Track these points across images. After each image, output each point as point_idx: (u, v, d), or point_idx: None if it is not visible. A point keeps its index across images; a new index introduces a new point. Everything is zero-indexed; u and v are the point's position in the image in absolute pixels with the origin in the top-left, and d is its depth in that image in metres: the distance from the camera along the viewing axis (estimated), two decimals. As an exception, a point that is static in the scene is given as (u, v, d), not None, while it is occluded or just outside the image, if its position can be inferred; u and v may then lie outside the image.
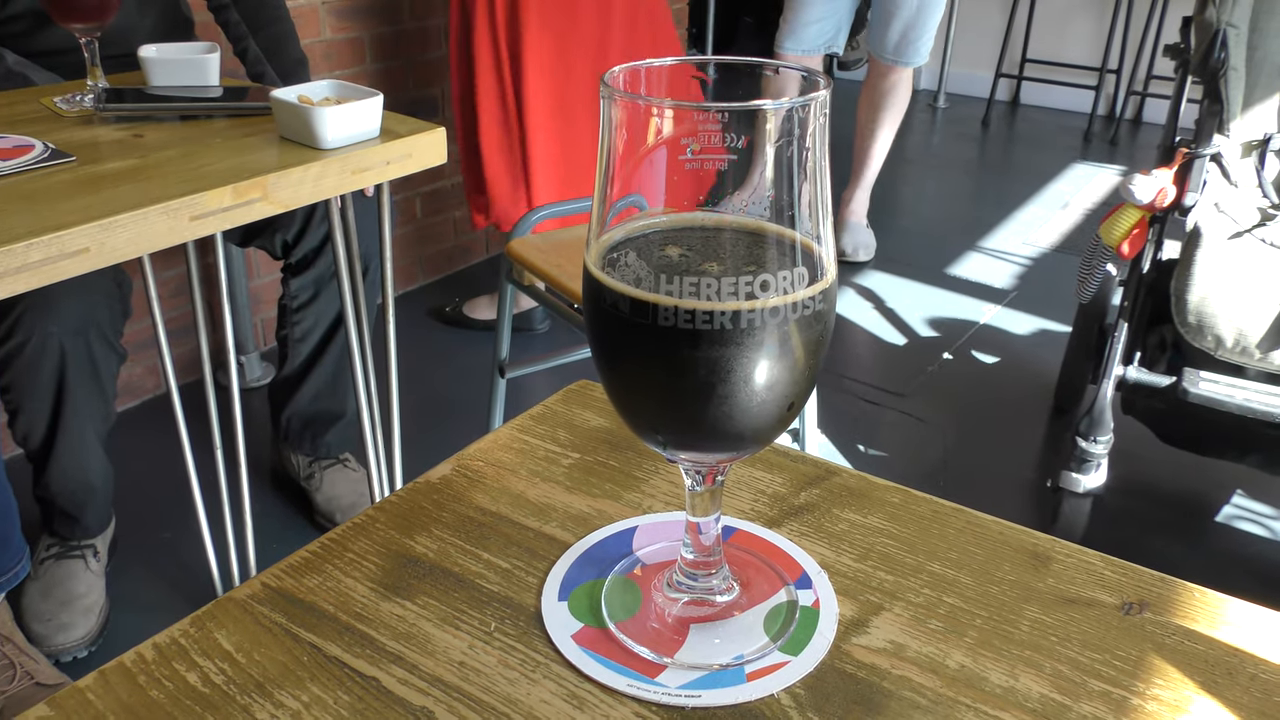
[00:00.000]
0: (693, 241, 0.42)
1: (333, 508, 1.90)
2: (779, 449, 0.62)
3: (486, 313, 2.71)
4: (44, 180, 1.07)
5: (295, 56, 1.75)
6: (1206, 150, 1.83)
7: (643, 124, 0.40)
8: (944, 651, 0.47)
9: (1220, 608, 0.50)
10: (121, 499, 1.78)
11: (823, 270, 0.42)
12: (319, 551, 0.53)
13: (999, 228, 3.52)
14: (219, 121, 1.28)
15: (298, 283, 1.79)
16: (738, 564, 0.52)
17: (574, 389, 0.68)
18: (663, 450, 0.45)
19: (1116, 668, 0.46)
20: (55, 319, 1.49)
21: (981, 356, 2.66)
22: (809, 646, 0.47)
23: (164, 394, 1.59)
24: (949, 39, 4.97)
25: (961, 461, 2.21)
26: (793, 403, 0.43)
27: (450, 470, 0.60)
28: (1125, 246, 1.86)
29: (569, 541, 0.54)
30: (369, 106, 1.20)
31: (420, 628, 0.48)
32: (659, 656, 0.46)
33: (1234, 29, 1.85)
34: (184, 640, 0.48)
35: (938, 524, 0.56)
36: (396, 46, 2.63)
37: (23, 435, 1.59)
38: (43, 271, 0.94)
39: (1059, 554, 0.54)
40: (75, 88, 1.39)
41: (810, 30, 2.97)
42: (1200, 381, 1.75)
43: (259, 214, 1.11)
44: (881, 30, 2.98)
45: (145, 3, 1.71)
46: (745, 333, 0.40)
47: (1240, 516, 2.06)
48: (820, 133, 0.41)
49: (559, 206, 1.82)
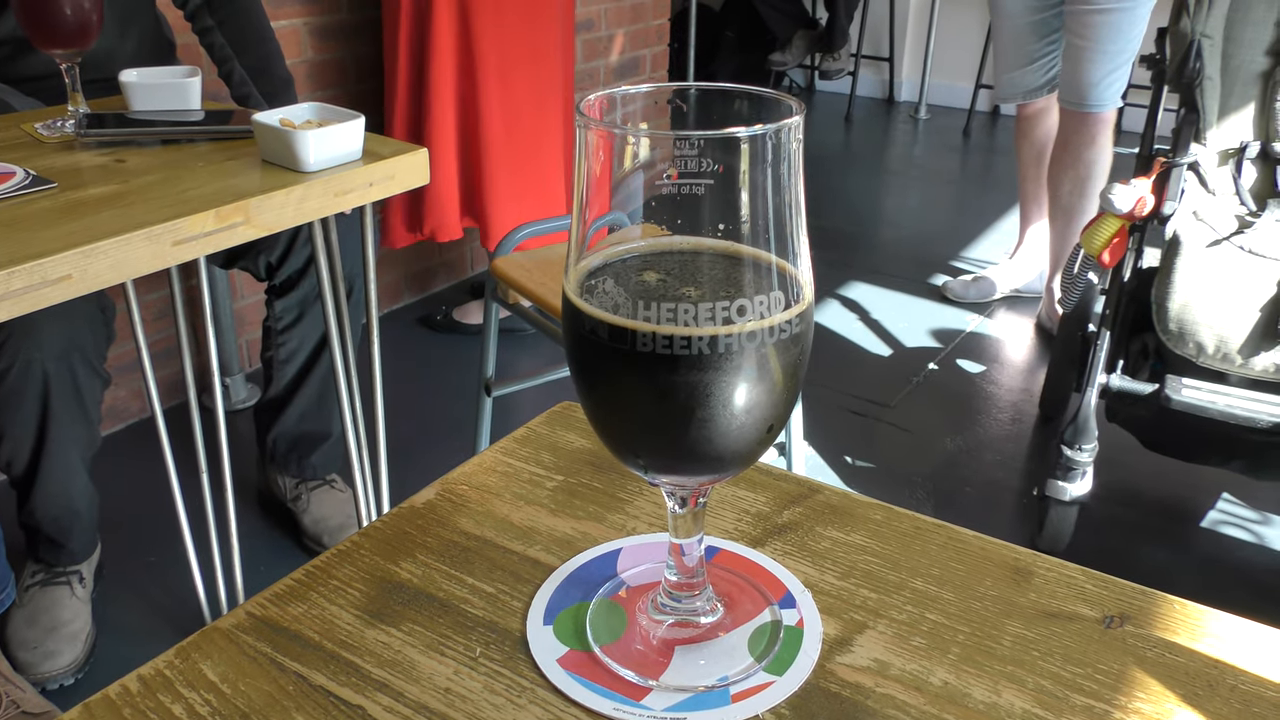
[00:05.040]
0: (670, 266, 0.42)
1: (320, 529, 1.89)
2: (762, 467, 0.62)
3: (477, 317, 2.72)
4: (25, 207, 1.07)
5: (282, 76, 1.75)
6: (1184, 159, 1.85)
7: (618, 151, 0.41)
8: (927, 669, 0.47)
9: (1201, 620, 0.51)
10: (107, 523, 1.77)
11: (799, 294, 0.42)
12: (303, 579, 0.53)
13: (982, 238, 3.54)
14: (201, 145, 1.28)
15: (282, 304, 1.79)
16: (721, 584, 0.52)
17: (557, 411, 0.68)
18: (644, 474, 0.46)
19: (1098, 681, 0.47)
20: (38, 344, 1.49)
21: (966, 366, 2.67)
22: (793, 666, 0.47)
23: (149, 417, 1.58)
24: (929, 51, 5.01)
25: (948, 471, 2.22)
26: (772, 425, 0.43)
27: (434, 495, 0.60)
28: (1106, 255, 1.88)
29: (554, 565, 0.54)
30: (351, 129, 1.20)
31: (405, 654, 0.48)
32: (644, 679, 0.46)
33: (1208, 39, 1.87)
34: (169, 671, 0.47)
35: (919, 540, 0.56)
36: (378, 67, 2.64)
37: (6, 461, 1.58)
38: (25, 299, 0.94)
39: (1040, 568, 0.54)
40: (56, 113, 1.39)
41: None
42: (1183, 388, 1.76)
43: (242, 238, 1.11)
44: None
45: (126, 27, 1.71)
46: (723, 357, 0.40)
47: (1226, 521, 2.07)
48: (794, 156, 0.41)
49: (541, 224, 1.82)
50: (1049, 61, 2.65)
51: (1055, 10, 2.55)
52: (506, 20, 2.38)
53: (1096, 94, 2.50)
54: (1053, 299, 2.74)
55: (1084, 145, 2.56)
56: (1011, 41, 2.69)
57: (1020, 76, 2.71)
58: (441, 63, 2.36)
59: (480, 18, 2.35)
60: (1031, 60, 2.67)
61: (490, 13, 2.35)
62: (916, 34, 5.17)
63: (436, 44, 2.35)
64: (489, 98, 2.40)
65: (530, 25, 2.44)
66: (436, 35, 2.34)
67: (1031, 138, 2.81)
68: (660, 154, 0.40)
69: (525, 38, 2.43)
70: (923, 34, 5.07)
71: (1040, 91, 2.71)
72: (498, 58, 2.39)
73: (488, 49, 2.37)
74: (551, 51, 2.51)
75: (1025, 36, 2.65)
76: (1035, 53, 2.65)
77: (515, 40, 2.41)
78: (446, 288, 3.08)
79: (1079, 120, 2.55)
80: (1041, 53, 2.65)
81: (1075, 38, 2.48)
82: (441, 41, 2.35)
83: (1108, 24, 2.42)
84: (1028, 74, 2.69)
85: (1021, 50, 2.67)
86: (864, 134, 5.00)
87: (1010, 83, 2.75)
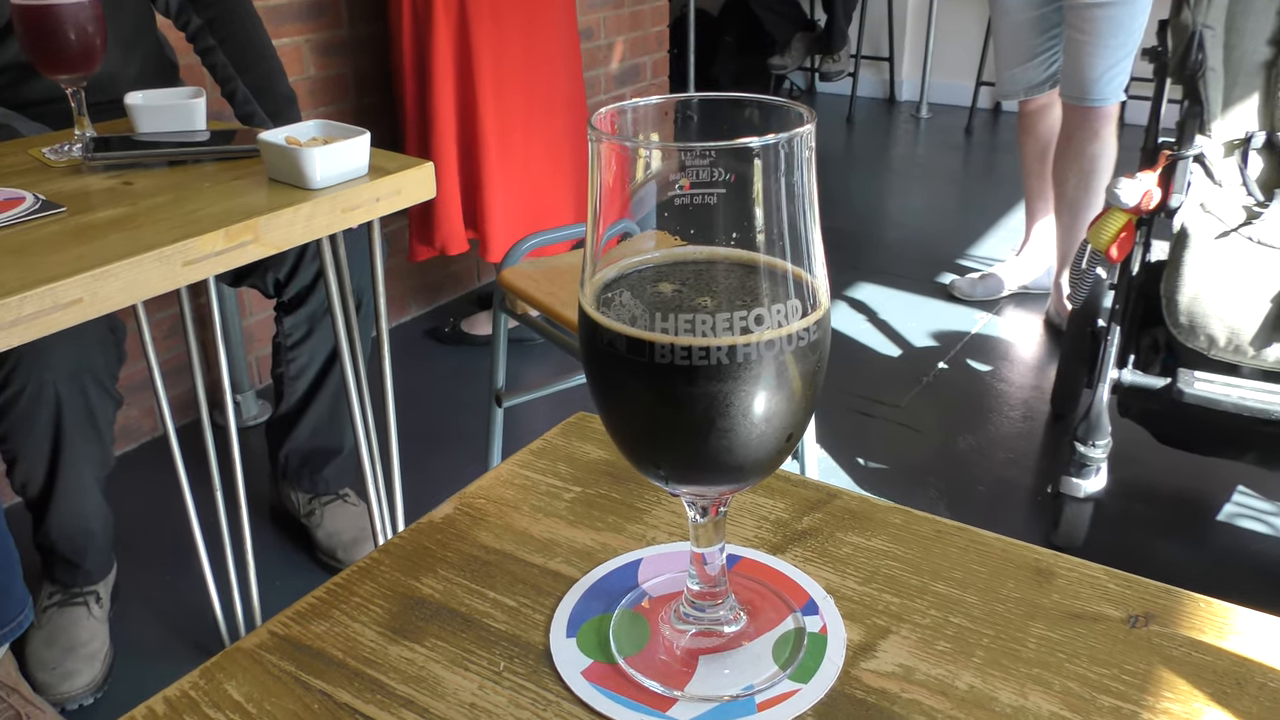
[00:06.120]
0: (685, 276, 0.42)
1: (334, 544, 1.90)
2: (780, 474, 0.62)
3: (485, 328, 2.72)
4: (35, 232, 1.08)
5: (285, 94, 1.76)
6: (1189, 151, 1.84)
7: (631, 163, 0.41)
8: (953, 673, 0.47)
9: (1226, 617, 0.50)
10: (122, 543, 1.78)
11: (816, 301, 0.42)
12: (325, 597, 0.54)
13: (988, 235, 3.54)
14: (207, 165, 1.29)
15: (291, 320, 1.80)
16: (744, 593, 0.52)
17: (572, 421, 0.68)
18: (665, 484, 0.46)
19: (1125, 682, 0.47)
20: (50, 367, 1.49)
21: (976, 364, 2.66)
22: (818, 673, 0.47)
23: (161, 436, 1.59)
24: (928, 50, 5.01)
25: (960, 471, 2.21)
26: (792, 433, 0.43)
27: (453, 509, 0.60)
28: (1114, 250, 1.87)
29: (574, 576, 0.54)
30: (356, 145, 1.21)
31: (430, 670, 0.48)
32: (669, 690, 0.46)
33: (1210, 30, 1.87)
34: (194, 693, 0.48)
35: (940, 543, 0.56)
36: (380, 82, 2.65)
37: (21, 484, 1.59)
38: (37, 324, 0.95)
39: (1062, 569, 0.54)
40: (63, 137, 1.40)
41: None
42: (1195, 382, 1.76)
43: (251, 256, 1.11)
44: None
45: (130, 50, 1.71)
46: (742, 367, 0.40)
47: (1241, 514, 2.06)
48: (807, 164, 0.41)
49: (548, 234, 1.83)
50: (1050, 57, 2.65)
51: (1055, 5, 2.55)
52: (504, 31, 2.39)
53: (1098, 88, 2.50)
54: (1061, 295, 2.74)
55: (1087, 140, 2.56)
56: (1012, 38, 2.69)
57: (1021, 73, 2.71)
58: (442, 75, 2.37)
59: (479, 28, 2.36)
60: (1032, 56, 2.67)
61: (488, 23, 2.36)
62: (916, 33, 5.17)
63: (437, 57, 2.36)
64: (486, 109, 2.41)
65: (528, 35, 2.44)
66: (437, 48, 2.35)
67: (1034, 134, 2.81)
68: (673, 165, 0.40)
69: (523, 48, 2.44)
70: (922, 33, 5.07)
71: (1042, 87, 2.70)
72: (495, 69, 2.39)
73: (485, 61, 2.38)
74: (552, 61, 2.52)
75: (1025, 32, 2.64)
76: (1036, 48, 2.65)
77: (513, 51, 2.42)
78: (453, 299, 3.08)
79: (1082, 115, 2.55)
80: (1042, 48, 2.65)
81: (1076, 33, 2.48)
82: (441, 54, 2.36)
83: (1108, 18, 2.42)
84: (1029, 70, 2.69)
85: (1022, 46, 2.67)
86: (866, 135, 5.00)
87: (1011, 79, 2.74)
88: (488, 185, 2.46)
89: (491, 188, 2.47)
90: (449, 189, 2.45)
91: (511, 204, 2.50)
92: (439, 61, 2.36)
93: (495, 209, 2.48)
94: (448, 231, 2.49)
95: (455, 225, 2.50)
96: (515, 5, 2.40)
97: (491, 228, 2.49)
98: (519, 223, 2.50)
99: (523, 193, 2.52)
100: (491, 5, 2.36)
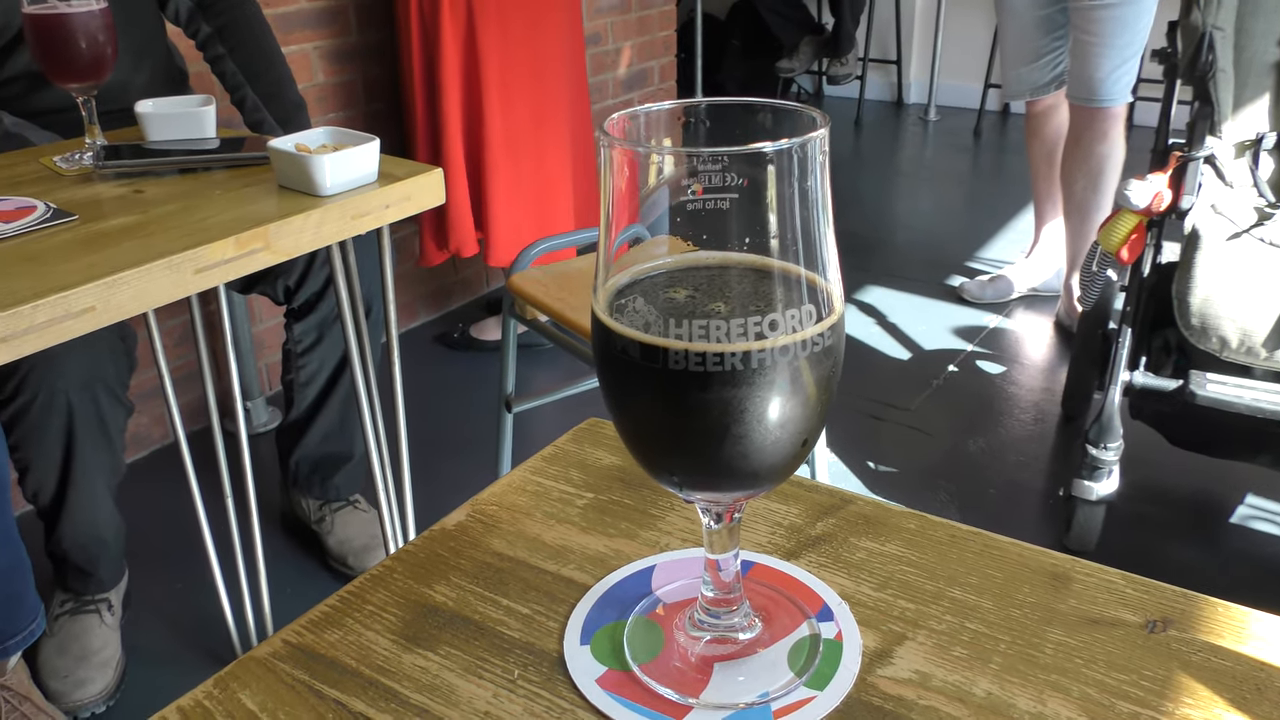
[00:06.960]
0: (699, 281, 0.42)
1: (345, 550, 1.90)
2: (793, 479, 0.62)
3: (494, 333, 2.72)
4: (47, 240, 1.08)
5: (294, 101, 1.76)
6: (1200, 152, 1.84)
7: (643, 169, 0.41)
8: (970, 679, 0.47)
9: (1245, 622, 0.50)
10: (134, 550, 1.78)
11: (830, 306, 0.42)
12: (338, 605, 0.53)
13: (997, 237, 3.53)
14: (218, 173, 1.29)
15: (301, 327, 1.80)
16: (758, 599, 0.52)
17: (584, 428, 0.68)
18: (679, 491, 0.45)
19: (1144, 688, 0.46)
20: (61, 375, 1.49)
21: (987, 367, 2.65)
22: (834, 680, 0.47)
23: (172, 444, 1.59)
24: (936, 52, 5.00)
25: (972, 474, 2.20)
26: (806, 439, 0.43)
27: (465, 516, 0.60)
28: (1124, 252, 1.87)
29: (588, 583, 0.54)
30: (366, 152, 1.21)
31: (444, 678, 0.48)
32: (684, 697, 0.46)
33: (1220, 31, 1.86)
34: (208, 702, 0.47)
35: (955, 548, 0.56)
36: (389, 88, 2.65)
37: (33, 492, 1.59)
38: (49, 332, 0.95)
39: (1079, 574, 0.53)
40: (74, 146, 1.40)
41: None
42: (1207, 383, 1.75)
43: (261, 264, 1.11)
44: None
45: (140, 59, 1.72)
46: (756, 373, 0.40)
47: (1255, 516, 2.05)
48: (821, 169, 0.41)
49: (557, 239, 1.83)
50: (1056, 57, 2.65)
51: (1060, 6, 2.54)
52: (511, 36, 2.40)
53: (1105, 89, 2.49)
54: (1071, 296, 2.73)
55: (1095, 141, 2.55)
56: (1017, 38, 2.69)
57: (1027, 73, 2.70)
58: (449, 80, 2.38)
59: (485, 34, 2.36)
60: (1038, 57, 2.66)
61: (495, 29, 2.37)
62: (923, 35, 5.16)
63: (444, 62, 2.36)
64: (492, 114, 2.41)
65: (534, 41, 2.45)
66: (445, 54, 2.36)
67: (1042, 135, 2.80)
68: (685, 170, 0.40)
69: (528, 53, 2.44)
70: (929, 35, 5.06)
71: (1048, 88, 2.70)
72: (500, 74, 2.40)
73: (492, 66, 2.38)
74: (556, 67, 2.52)
75: (1031, 33, 2.64)
76: (1042, 49, 2.65)
77: (518, 56, 2.42)
78: (462, 305, 3.08)
79: (1089, 116, 2.54)
80: (1048, 49, 2.64)
81: (1081, 34, 2.47)
82: (449, 60, 2.36)
83: (1113, 19, 2.41)
84: (1034, 70, 2.69)
85: (1028, 47, 2.66)
86: (875, 137, 4.99)
87: (1017, 80, 2.74)
88: (492, 190, 2.46)
89: (496, 193, 2.47)
90: (460, 193, 2.46)
91: (516, 210, 2.51)
92: (447, 67, 2.37)
93: (500, 214, 2.49)
94: (461, 235, 2.49)
95: (468, 229, 2.50)
96: (521, 11, 2.41)
97: (495, 233, 2.49)
98: (523, 228, 2.51)
99: (527, 198, 2.53)
100: (498, 11, 2.37)
